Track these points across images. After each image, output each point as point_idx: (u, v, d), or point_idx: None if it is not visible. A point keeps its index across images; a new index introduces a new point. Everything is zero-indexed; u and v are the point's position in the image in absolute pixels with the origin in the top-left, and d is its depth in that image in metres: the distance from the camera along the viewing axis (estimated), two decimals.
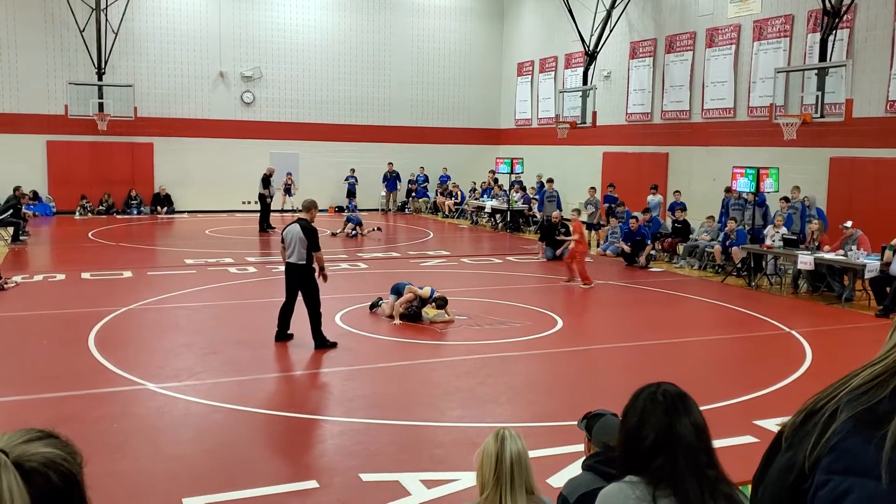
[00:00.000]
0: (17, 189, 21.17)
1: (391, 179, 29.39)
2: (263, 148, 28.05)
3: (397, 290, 11.49)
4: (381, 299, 11.68)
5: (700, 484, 2.17)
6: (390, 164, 29.29)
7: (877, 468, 1.10)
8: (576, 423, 3.60)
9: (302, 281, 9.52)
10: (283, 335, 9.82)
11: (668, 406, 2.33)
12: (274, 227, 22.49)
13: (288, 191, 27.84)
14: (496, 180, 26.45)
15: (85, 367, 8.65)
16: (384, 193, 29.74)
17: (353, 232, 21.44)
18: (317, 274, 9.69)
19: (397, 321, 11.02)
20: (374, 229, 22.54)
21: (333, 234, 21.50)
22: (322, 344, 9.55)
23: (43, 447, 1.21)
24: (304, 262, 9.46)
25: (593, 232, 20.59)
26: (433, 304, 11.23)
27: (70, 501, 1.22)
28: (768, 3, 19.41)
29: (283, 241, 9.63)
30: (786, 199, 16.51)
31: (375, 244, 20.14)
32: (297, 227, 9.45)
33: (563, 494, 3.07)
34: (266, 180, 23.09)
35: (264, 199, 23.02)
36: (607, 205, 21.55)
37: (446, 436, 6.92)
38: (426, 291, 11.36)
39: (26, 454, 1.18)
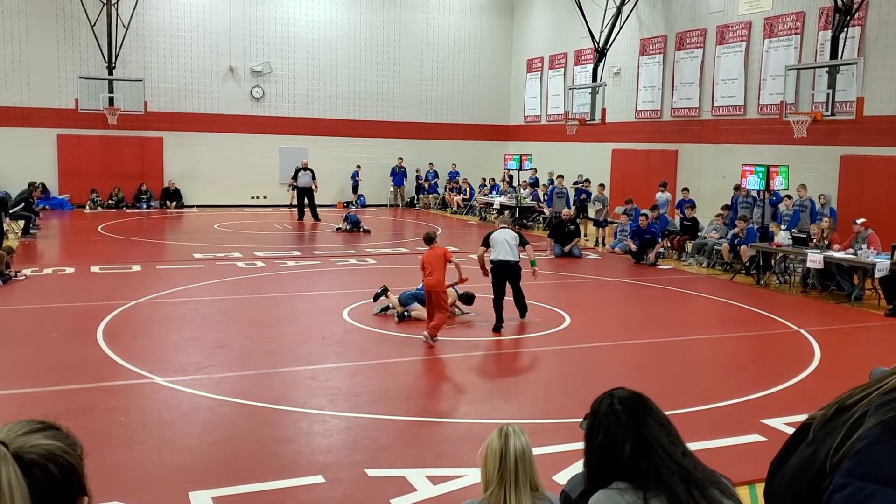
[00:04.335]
0: (31, 184, 21.30)
1: (398, 174, 29.38)
2: (272, 143, 28.13)
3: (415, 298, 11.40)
4: (388, 303, 11.56)
5: (685, 479, 2.19)
6: (400, 158, 29.29)
7: None
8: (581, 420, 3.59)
9: (513, 275, 10.83)
10: (500, 325, 10.65)
11: (629, 413, 2.33)
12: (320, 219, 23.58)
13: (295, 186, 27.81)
14: (511, 178, 26.06)
15: (93, 361, 8.69)
16: (392, 189, 29.73)
17: (350, 227, 21.46)
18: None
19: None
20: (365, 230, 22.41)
21: (337, 230, 21.56)
22: (524, 314, 11.19)
23: (43, 439, 1.21)
24: (517, 260, 10.75)
25: (601, 229, 20.56)
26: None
27: (70, 493, 1.21)
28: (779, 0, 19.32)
29: (487, 245, 10.89)
30: (788, 196, 16.44)
31: (374, 238, 20.10)
32: (508, 232, 10.91)
33: (565, 491, 3.07)
34: (296, 174, 24.50)
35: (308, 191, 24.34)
36: (577, 196, 21.70)
37: (452, 432, 6.92)
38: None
39: (26, 446, 1.18)
